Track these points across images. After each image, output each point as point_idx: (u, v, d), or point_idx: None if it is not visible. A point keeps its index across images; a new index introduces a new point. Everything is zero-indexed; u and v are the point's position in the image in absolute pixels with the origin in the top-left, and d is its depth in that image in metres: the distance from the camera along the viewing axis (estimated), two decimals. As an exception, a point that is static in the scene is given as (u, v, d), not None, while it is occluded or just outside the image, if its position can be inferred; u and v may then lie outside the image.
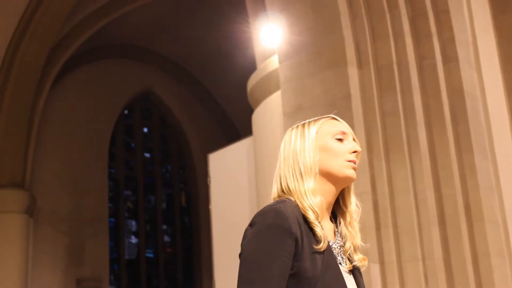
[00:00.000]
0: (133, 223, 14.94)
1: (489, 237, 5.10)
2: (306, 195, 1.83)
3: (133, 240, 14.84)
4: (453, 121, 5.34)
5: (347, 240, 1.92)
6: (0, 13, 10.74)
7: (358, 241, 1.95)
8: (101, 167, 13.78)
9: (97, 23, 12.28)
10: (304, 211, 1.80)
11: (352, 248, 1.93)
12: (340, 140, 1.93)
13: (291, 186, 1.87)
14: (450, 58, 5.46)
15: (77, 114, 13.30)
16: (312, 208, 1.81)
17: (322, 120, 1.98)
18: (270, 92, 6.32)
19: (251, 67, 7.44)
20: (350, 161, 1.91)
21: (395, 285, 4.99)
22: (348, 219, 1.96)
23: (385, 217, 5.13)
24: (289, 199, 1.84)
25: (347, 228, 1.94)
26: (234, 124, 15.10)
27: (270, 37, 6.32)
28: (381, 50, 5.48)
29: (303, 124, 1.98)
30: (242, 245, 1.78)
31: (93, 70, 13.72)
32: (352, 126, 5.22)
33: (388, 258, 5.04)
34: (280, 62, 5.88)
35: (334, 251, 1.86)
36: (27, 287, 11.11)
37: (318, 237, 1.78)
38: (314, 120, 1.98)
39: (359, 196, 5.07)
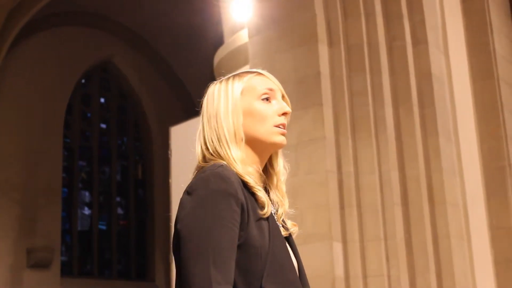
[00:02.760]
0: (87, 194, 14.76)
1: (450, 219, 5.18)
2: (236, 163, 1.65)
3: (86, 211, 14.67)
4: (420, 104, 5.38)
5: (279, 206, 1.75)
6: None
7: (286, 205, 1.77)
8: (56, 136, 13.54)
9: (57, -12, 11.98)
10: (242, 176, 1.63)
11: (284, 214, 1.75)
12: (267, 100, 1.74)
13: (221, 152, 1.68)
14: (420, 40, 5.49)
15: (33, 81, 13.00)
16: (247, 173, 1.65)
17: (248, 76, 1.77)
18: (238, 67, 6.25)
19: (218, 42, 7.36)
20: (278, 125, 1.73)
21: (357, 264, 5.02)
22: (275, 181, 1.77)
23: (349, 196, 5.15)
24: (224, 163, 1.65)
25: (275, 193, 1.76)
26: (193, 98, 14.99)
27: (240, 11, 6.25)
28: (352, 29, 5.47)
29: (227, 79, 1.79)
30: (182, 215, 1.57)
31: (52, 37, 13.41)
32: (320, 104, 5.23)
33: (351, 237, 5.07)
34: (250, 36, 5.82)
35: None
36: (-24, 255, 10.91)
37: (261, 202, 1.63)
38: (239, 75, 1.79)
39: (324, 174, 5.09)
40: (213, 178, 1.58)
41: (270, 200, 1.74)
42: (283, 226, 1.75)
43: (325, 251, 4.99)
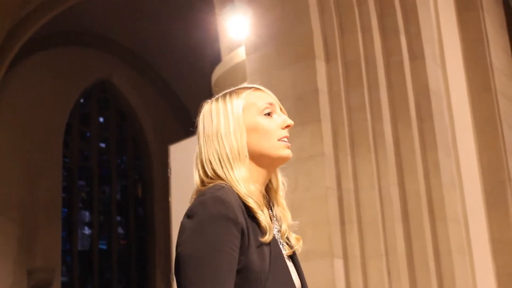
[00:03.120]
0: (87, 213, 14.72)
1: (451, 234, 5.15)
2: (239, 184, 1.62)
3: (86, 231, 14.63)
4: (418, 118, 5.37)
5: (282, 222, 1.73)
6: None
7: (289, 218, 1.75)
8: (55, 156, 13.53)
9: (55, 8, 12.02)
10: (245, 199, 1.60)
11: (288, 230, 1.74)
12: (268, 114, 1.72)
13: (220, 173, 1.64)
14: (417, 55, 5.49)
15: (32, 101, 13.01)
16: (250, 196, 1.61)
17: (246, 92, 1.75)
18: (236, 84, 6.17)
19: (215, 60, 7.37)
20: (282, 139, 1.71)
21: (358, 280, 4.99)
22: (276, 196, 1.76)
23: (349, 212, 5.13)
24: (225, 184, 1.61)
25: (277, 209, 1.75)
26: (192, 116, 14.98)
27: (237, 29, 6.26)
28: (349, 45, 5.48)
29: (224, 96, 1.75)
30: (182, 240, 1.55)
31: (50, 57, 13.44)
32: (319, 120, 5.22)
33: (352, 253, 5.05)
34: (247, 54, 5.82)
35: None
36: (-24, 277, 10.86)
37: (263, 227, 1.60)
38: (236, 91, 1.76)
39: (323, 190, 5.07)
40: (212, 202, 1.56)
41: (275, 216, 1.74)
42: (287, 243, 1.74)
43: (326, 267, 4.96)
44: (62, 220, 13.61)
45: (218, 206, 1.54)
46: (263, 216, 1.61)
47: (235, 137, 1.68)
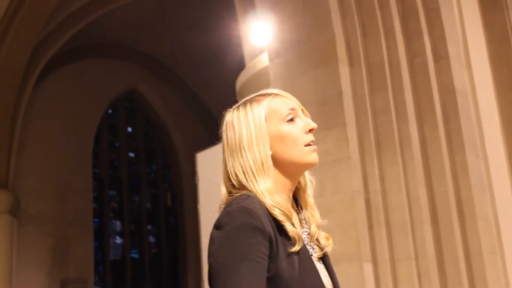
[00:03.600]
0: (118, 223, 14.83)
1: (481, 235, 5.10)
2: (265, 196, 1.63)
3: (118, 240, 14.73)
4: (444, 119, 5.33)
5: (311, 223, 1.74)
6: (-18, 10, 10.62)
7: (318, 217, 1.75)
8: (85, 167, 13.67)
9: (80, 21, 12.16)
10: (271, 211, 1.61)
11: (317, 230, 1.75)
12: (291, 120, 1.72)
13: (247, 185, 1.65)
14: (441, 56, 5.46)
15: (61, 113, 13.17)
16: (277, 206, 1.62)
17: (266, 99, 1.76)
18: (260, 90, 6.26)
19: (239, 66, 7.39)
20: (308, 144, 1.71)
21: (388, 284, 4.96)
22: (303, 197, 1.77)
23: (377, 216, 5.10)
24: (250, 194, 1.63)
25: (306, 209, 1.76)
26: (219, 123, 15.02)
27: (259, 35, 6.27)
28: (372, 48, 5.46)
29: (245, 105, 1.76)
30: (212, 250, 1.58)
31: (77, 69, 13.59)
32: (343, 124, 5.21)
33: (381, 257, 5.02)
34: (270, 60, 5.83)
35: (305, 241, 1.70)
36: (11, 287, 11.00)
37: (291, 237, 1.61)
38: (256, 99, 1.76)
39: (350, 194, 5.06)
40: (239, 212, 1.57)
41: (303, 219, 1.74)
42: (317, 245, 1.74)
43: (355, 272, 4.94)
44: (94, 230, 13.73)
45: (244, 216, 1.56)
46: (290, 227, 1.62)
47: (258, 149, 1.68)
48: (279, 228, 1.61)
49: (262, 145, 1.68)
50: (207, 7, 11.77)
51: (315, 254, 1.72)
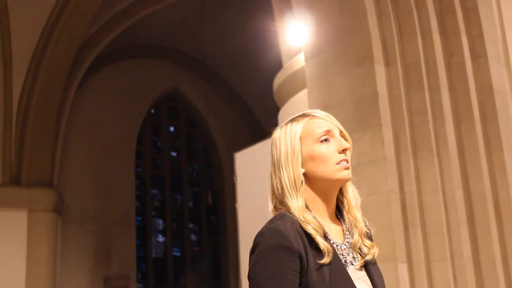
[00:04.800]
0: (160, 221, 15.00)
1: (519, 236, 5.03)
2: (297, 213, 1.77)
3: (160, 238, 14.90)
4: (482, 119, 5.28)
5: (354, 232, 1.84)
6: (28, 14, 10.84)
7: (361, 227, 1.85)
8: (128, 166, 13.85)
9: (123, 23, 12.33)
10: (303, 226, 1.75)
11: (360, 240, 1.84)
12: (326, 140, 1.84)
13: (285, 201, 1.81)
14: (479, 55, 5.40)
15: (104, 113, 13.38)
16: (309, 222, 1.76)
17: (304, 120, 1.88)
18: (296, 91, 6.29)
19: (278, 66, 7.41)
20: (340, 162, 1.82)
21: (423, 285, 4.94)
22: (346, 208, 1.88)
23: (413, 216, 5.07)
24: (288, 212, 1.78)
25: (349, 220, 1.86)
26: (260, 122, 15.09)
27: (296, 35, 6.29)
28: (408, 48, 5.43)
29: (287, 124, 1.90)
30: (249, 268, 1.74)
31: (120, 70, 13.79)
32: (379, 124, 5.19)
33: (416, 257, 4.99)
34: (306, 60, 5.85)
35: (343, 252, 1.80)
36: (55, 284, 11.21)
37: (322, 250, 1.73)
38: (297, 119, 1.89)
39: (386, 195, 5.02)
40: (269, 233, 1.73)
41: (347, 229, 1.85)
42: (360, 254, 1.82)
43: (390, 272, 4.93)
44: (136, 228, 13.91)
45: (274, 237, 1.71)
46: (321, 240, 1.74)
47: (292, 168, 1.83)
48: (312, 242, 1.74)
49: (296, 164, 1.83)
50: (245, 7, 11.83)
51: (356, 263, 1.81)
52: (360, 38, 5.47)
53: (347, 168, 1.82)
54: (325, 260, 1.71)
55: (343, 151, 1.83)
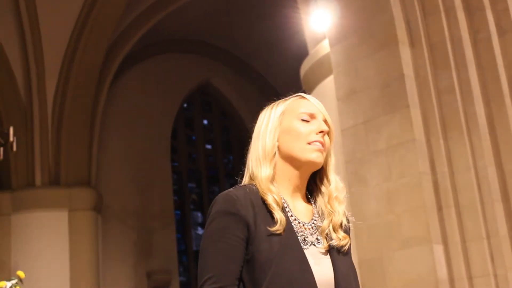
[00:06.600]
0: (199, 214, 15.10)
1: (556, 212, 4.96)
2: (262, 182, 1.75)
3: (200, 231, 15.00)
4: (511, 95, 5.20)
5: (325, 219, 1.78)
6: (57, 15, 10.99)
7: (338, 219, 1.79)
8: (164, 161, 13.96)
9: (152, 18, 12.42)
10: (263, 195, 1.73)
11: (331, 227, 1.78)
12: (305, 121, 1.81)
13: (254, 172, 1.79)
14: (506, 29, 5.32)
15: (138, 110, 13.49)
16: (269, 192, 1.73)
17: (291, 99, 1.88)
18: (323, 77, 6.27)
19: (305, 52, 7.39)
20: (313, 142, 1.77)
21: (460, 265, 4.90)
22: (326, 198, 1.82)
23: (446, 197, 5.04)
24: (251, 185, 1.77)
25: (326, 207, 1.80)
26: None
27: (320, 22, 6.27)
28: (433, 27, 5.38)
29: (273, 105, 1.89)
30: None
31: (151, 66, 13.88)
32: (407, 106, 5.16)
33: (452, 238, 4.96)
34: (331, 46, 5.83)
35: (306, 231, 1.75)
36: (99, 281, 11.39)
37: (275, 219, 1.69)
38: (284, 100, 1.89)
39: (417, 176, 4.99)
40: (219, 199, 1.74)
41: (318, 213, 1.81)
42: (326, 238, 1.77)
43: (426, 254, 4.91)
44: (176, 222, 14.01)
45: (222, 203, 1.72)
46: (276, 210, 1.71)
47: (269, 137, 1.81)
48: (267, 213, 1.71)
49: (272, 135, 1.81)
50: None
51: (321, 245, 1.76)
52: (384, 20, 5.44)
53: (319, 151, 1.77)
54: (277, 228, 1.68)
55: (320, 132, 1.78)
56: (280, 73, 14.01)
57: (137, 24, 12.20)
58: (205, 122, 15.75)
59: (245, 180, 1.83)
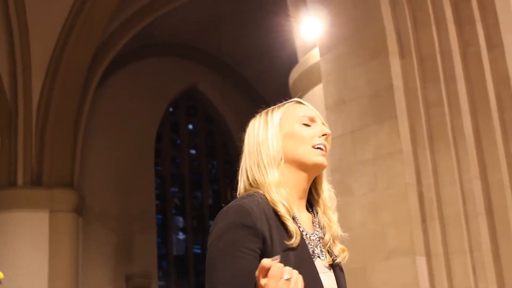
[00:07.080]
0: (180, 219, 15.04)
1: (540, 227, 4.98)
2: (271, 188, 1.69)
3: (181, 236, 14.95)
4: (499, 109, 5.23)
5: (326, 231, 1.76)
6: (46, 15, 10.92)
7: (336, 230, 1.77)
8: (148, 164, 13.90)
9: (140, 22, 12.38)
10: (274, 205, 1.66)
11: (331, 239, 1.76)
12: (307, 125, 1.79)
13: (258, 179, 1.73)
14: (495, 44, 5.35)
15: (123, 112, 13.44)
16: (281, 201, 1.67)
17: (287, 105, 1.85)
18: (312, 85, 6.28)
19: (294, 60, 7.40)
20: (318, 146, 1.76)
21: (442, 277, 4.91)
22: (322, 208, 1.80)
23: (430, 209, 5.05)
24: (257, 192, 1.70)
25: (323, 217, 1.79)
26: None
27: (310, 30, 6.28)
28: (423, 39, 5.40)
29: (267, 112, 1.85)
30: (208, 244, 1.64)
31: (138, 69, 13.84)
32: (395, 117, 5.17)
33: (435, 250, 4.97)
34: (321, 54, 5.84)
35: (312, 243, 1.72)
36: (78, 283, 11.30)
37: (290, 232, 1.64)
38: (278, 106, 1.86)
39: (403, 187, 5.01)
40: (231, 210, 1.65)
41: (318, 223, 1.78)
42: (328, 252, 1.76)
43: (409, 265, 4.91)
44: (157, 226, 13.96)
45: (235, 215, 1.62)
46: (289, 221, 1.65)
47: (271, 143, 1.77)
48: (280, 223, 1.65)
49: (276, 141, 1.76)
50: (261, 4, 11.81)
51: (325, 259, 1.74)
52: (375, 30, 5.45)
53: (322, 155, 1.76)
54: (293, 242, 1.62)
55: (323, 135, 1.78)
56: (269, 80, 14.01)
57: (125, 27, 12.16)
58: (190, 126, 15.73)
59: (241, 187, 1.78)
